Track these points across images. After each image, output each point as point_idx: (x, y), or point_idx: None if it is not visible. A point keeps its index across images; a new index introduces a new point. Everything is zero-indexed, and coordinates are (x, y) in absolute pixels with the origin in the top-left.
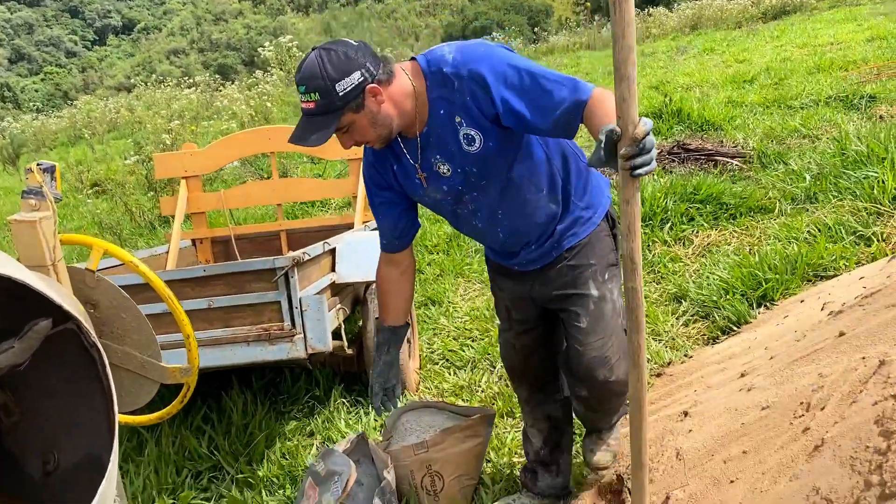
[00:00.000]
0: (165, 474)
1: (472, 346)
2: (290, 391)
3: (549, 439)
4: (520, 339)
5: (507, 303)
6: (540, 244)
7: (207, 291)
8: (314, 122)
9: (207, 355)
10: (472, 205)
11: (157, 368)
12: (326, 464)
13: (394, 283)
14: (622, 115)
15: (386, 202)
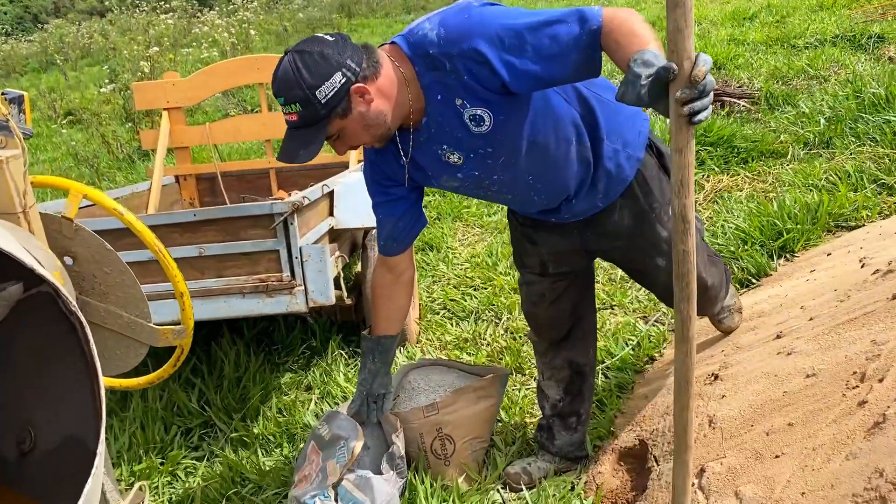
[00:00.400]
0: (153, 431)
1: (475, 295)
2: (285, 341)
3: (569, 388)
4: (554, 289)
5: (544, 257)
6: (583, 196)
7: (198, 238)
8: (300, 135)
9: (199, 307)
10: (497, 184)
11: (146, 330)
12: (331, 427)
13: (387, 289)
14: (676, 49)
15: (389, 200)
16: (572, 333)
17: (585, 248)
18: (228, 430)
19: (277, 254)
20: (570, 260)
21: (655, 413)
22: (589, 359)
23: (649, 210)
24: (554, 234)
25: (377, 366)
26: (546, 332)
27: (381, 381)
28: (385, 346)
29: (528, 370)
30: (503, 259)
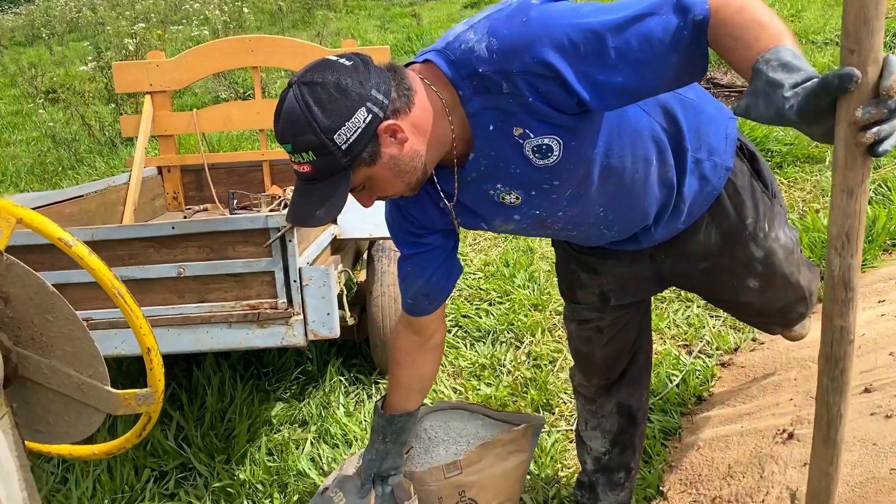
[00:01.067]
0: (121, 475)
1: (491, 312)
2: (276, 364)
3: (619, 438)
4: (614, 324)
5: (605, 287)
6: (664, 223)
7: (178, 254)
8: (316, 190)
9: (176, 338)
10: (562, 221)
11: (102, 394)
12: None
13: (411, 354)
14: (859, 48)
15: (421, 252)
16: (627, 372)
17: (660, 275)
18: (210, 476)
19: (272, 276)
20: (638, 289)
21: (715, 474)
22: (642, 402)
23: (742, 226)
24: (621, 262)
25: (387, 447)
26: (599, 374)
27: (392, 463)
28: (400, 426)
29: (556, 407)
30: (521, 269)
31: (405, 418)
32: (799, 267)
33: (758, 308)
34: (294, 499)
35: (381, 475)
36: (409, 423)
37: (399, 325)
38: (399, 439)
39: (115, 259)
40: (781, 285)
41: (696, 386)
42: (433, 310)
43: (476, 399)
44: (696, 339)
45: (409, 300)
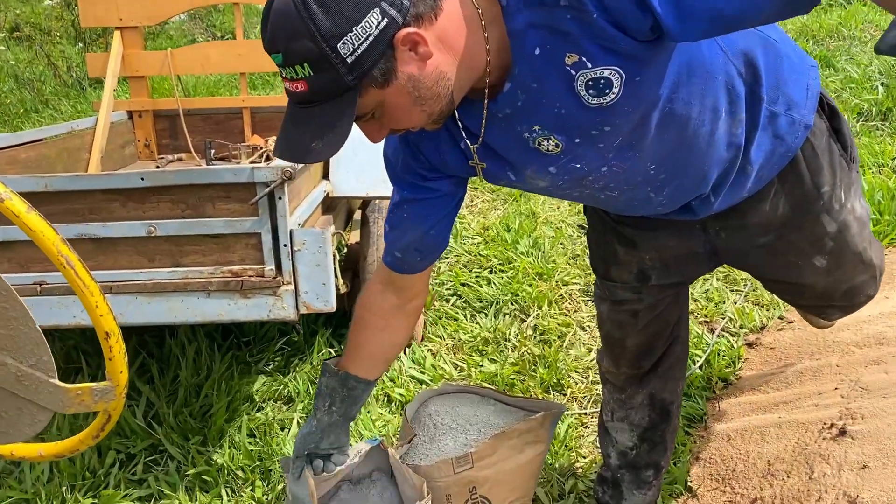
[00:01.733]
0: (81, 459)
1: (493, 280)
2: (258, 334)
3: (648, 433)
4: (653, 307)
5: (646, 264)
6: (725, 190)
7: (148, 210)
8: (314, 116)
9: (145, 308)
10: (603, 179)
11: (47, 388)
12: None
13: (385, 316)
14: None
15: (424, 199)
16: (662, 362)
17: (712, 251)
18: (184, 460)
19: (258, 238)
20: (683, 268)
21: (753, 472)
22: (677, 395)
23: (816, 195)
24: (667, 235)
25: (334, 417)
26: (631, 362)
27: (335, 440)
28: (355, 392)
29: (568, 387)
30: (524, 235)
31: (363, 385)
32: (871, 242)
33: (822, 291)
34: (279, 488)
35: (320, 454)
36: (364, 394)
37: (375, 281)
38: (349, 412)
39: (74, 214)
40: (852, 264)
41: (722, 368)
42: (423, 268)
43: (480, 377)
44: (718, 316)
45: (397, 253)
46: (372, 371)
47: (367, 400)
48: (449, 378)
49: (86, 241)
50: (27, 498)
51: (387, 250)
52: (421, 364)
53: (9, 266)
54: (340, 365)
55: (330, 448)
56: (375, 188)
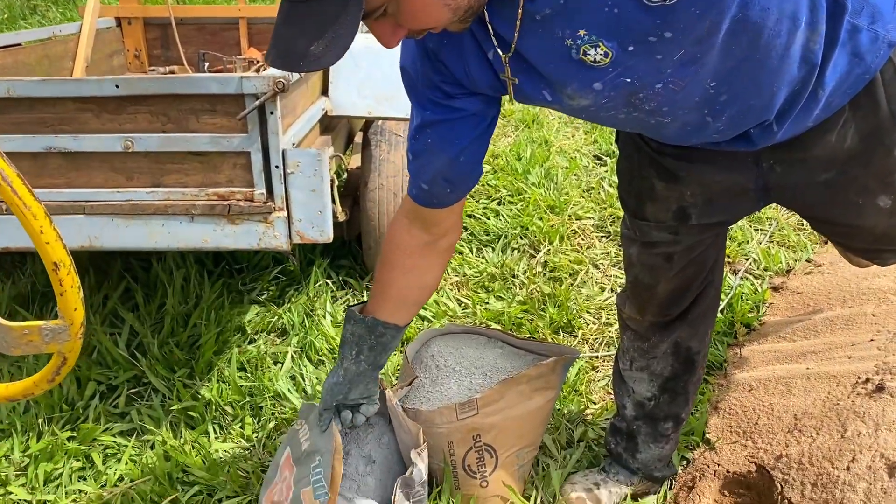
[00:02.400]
0: (59, 389)
1: (501, 213)
2: (251, 261)
3: (670, 384)
4: (690, 250)
5: (686, 201)
6: (792, 117)
7: (124, 123)
8: (312, 13)
9: (122, 232)
10: (655, 99)
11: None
12: (311, 430)
13: (414, 256)
14: None
15: (450, 121)
16: (693, 308)
17: (764, 187)
18: (169, 394)
19: (247, 158)
20: (728, 206)
21: (778, 426)
22: (704, 344)
23: (891, 124)
24: (715, 167)
25: (362, 367)
26: (659, 309)
27: (364, 390)
28: (384, 339)
29: (579, 329)
30: (535, 165)
31: (392, 331)
32: None
33: (881, 234)
34: (270, 426)
35: (348, 405)
36: (394, 341)
37: (401, 218)
38: (378, 360)
39: (41, 124)
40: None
41: (745, 313)
42: (454, 201)
43: (485, 316)
44: (741, 257)
45: (423, 185)
46: (401, 315)
47: (396, 347)
48: (452, 315)
49: (55, 155)
50: (3, 428)
51: (412, 182)
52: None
53: None
54: (366, 310)
55: (359, 398)
56: (379, 107)
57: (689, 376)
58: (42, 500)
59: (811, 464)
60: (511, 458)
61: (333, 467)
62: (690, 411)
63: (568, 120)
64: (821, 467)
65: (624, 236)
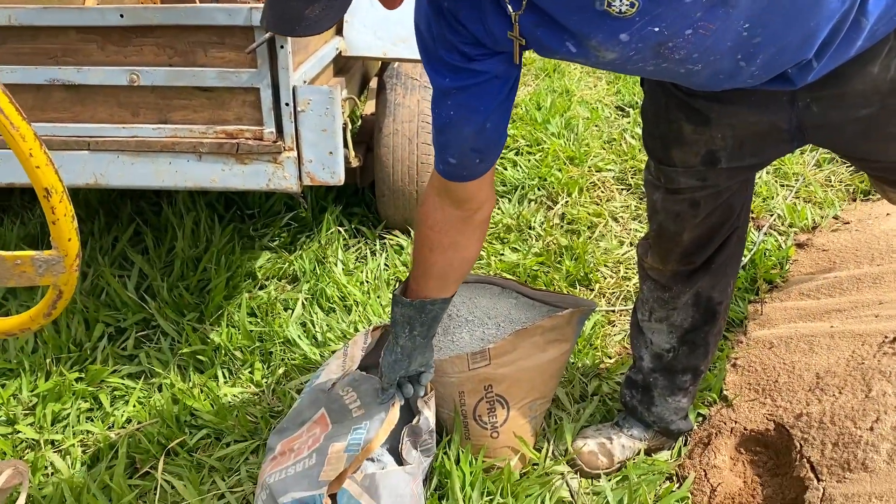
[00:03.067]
0: (67, 330)
1: (519, 163)
2: (263, 206)
3: (690, 335)
4: (717, 196)
5: (717, 144)
6: (830, 53)
7: (130, 55)
8: None
9: (127, 169)
10: (685, 47)
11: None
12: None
13: (450, 233)
14: None
15: (473, 86)
16: (717, 256)
17: (799, 128)
18: (178, 337)
19: (256, 95)
20: (759, 148)
21: (799, 385)
22: (727, 294)
23: None
24: (748, 108)
25: (417, 341)
26: (683, 258)
27: (423, 359)
28: (433, 315)
29: (596, 282)
30: (556, 114)
31: (440, 304)
32: None
33: None
34: (279, 372)
35: (410, 375)
36: (443, 310)
37: (432, 195)
38: (430, 332)
39: (44, 55)
40: None
41: (768, 269)
42: (483, 171)
43: (500, 267)
44: (766, 213)
45: (451, 159)
46: (448, 289)
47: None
48: None
49: (59, 87)
50: (11, 368)
51: (438, 158)
52: None
53: None
54: (411, 292)
55: (419, 368)
56: (396, 48)
57: (710, 327)
58: (49, 440)
59: (833, 423)
60: (523, 409)
61: (378, 435)
62: (710, 364)
63: (590, 70)
64: (843, 427)
65: (648, 183)
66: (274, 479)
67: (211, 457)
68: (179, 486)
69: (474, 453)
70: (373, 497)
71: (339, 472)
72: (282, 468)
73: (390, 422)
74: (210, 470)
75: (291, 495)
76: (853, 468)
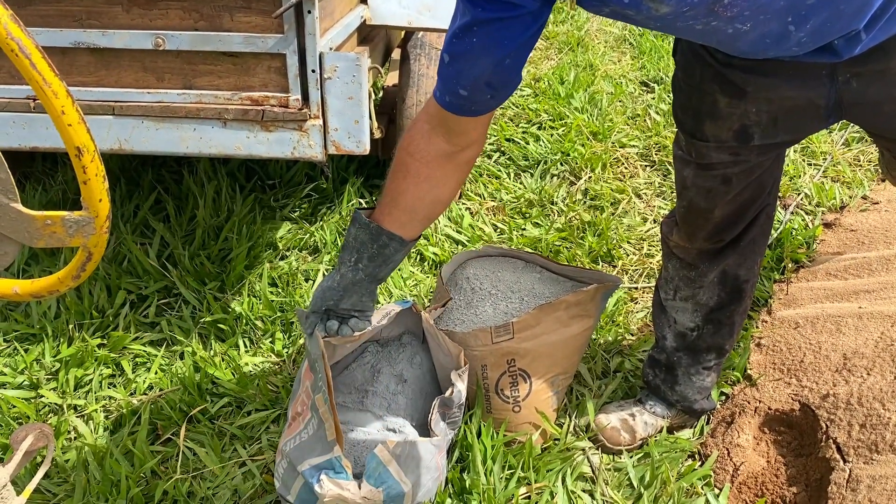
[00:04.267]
0: (90, 297)
1: (541, 137)
2: (284, 177)
3: (715, 314)
4: (749, 172)
5: (751, 118)
6: (883, 22)
7: (155, 19)
8: None
9: (152, 135)
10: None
11: (10, 214)
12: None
13: (433, 165)
14: None
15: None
16: (744, 236)
17: (837, 104)
18: (199, 306)
19: (282, 61)
20: (795, 124)
21: (825, 366)
22: (754, 273)
23: None
24: (787, 81)
25: (359, 275)
26: (711, 235)
27: (358, 301)
28: (387, 251)
29: (619, 259)
30: (579, 89)
31: (396, 243)
32: None
33: None
34: (300, 342)
35: (339, 313)
36: (397, 255)
37: (422, 121)
38: (378, 272)
39: (68, 18)
40: None
41: (795, 248)
42: (490, 108)
43: (522, 242)
44: (793, 192)
45: (461, 90)
46: (409, 228)
47: (400, 263)
48: (488, 240)
49: (84, 51)
50: (34, 332)
51: (444, 87)
52: (458, 223)
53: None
54: (374, 216)
55: (351, 310)
56: (420, 17)
57: (737, 306)
58: (72, 405)
59: (860, 404)
60: (545, 384)
61: (325, 373)
62: (735, 343)
63: (614, 44)
64: (871, 408)
65: (677, 158)
66: (290, 447)
67: (232, 425)
68: (201, 452)
69: (496, 427)
70: (400, 465)
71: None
72: (295, 434)
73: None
74: (231, 438)
75: (309, 462)
76: (881, 450)
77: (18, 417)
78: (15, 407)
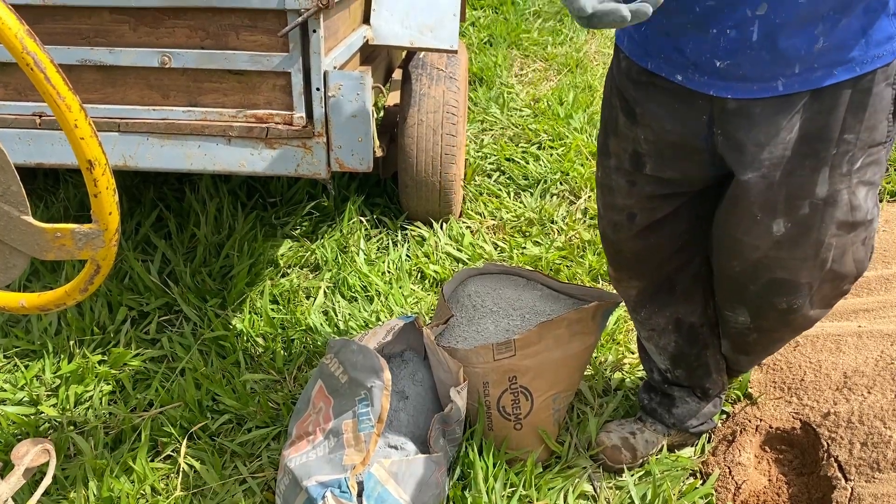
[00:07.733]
0: (91, 313)
1: (541, 157)
2: (285, 194)
3: (681, 358)
4: (650, 212)
5: (641, 147)
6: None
7: (162, 37)
8: None
9: (156, 151)
10: None
11: (20, 227)
12: (344, 365)
13: None
14: None
15: None
16: (678, 283)
17: (709, 149)
18: (200, 322)
19: (287, 79)
20: (680, 162)
21: (826, 384)
22: (708, 317)
23: (835, 138)
24: (669, 112)
25: None
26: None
27: None
28: None
29: None
30: (578, 109)
31: None
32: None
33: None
34: (301, 359)
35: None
36: None
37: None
38: None
39: (76, 35)
40: (805, 253)
41: None
42: None
43: (522, 260)
44: None
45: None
46: None
47: None
48: (488, 258)
49: (90, 68)
50: (35, 349)
51: None
52: (458, 241)
53: (3, 93)
54: None
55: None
56: (422, 37)
57: (700, 350)
58: (72, 421)
59: (861, 423)
60: (547, 402)
61: (383, 404)
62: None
63: None
64: (872, 426)
65: (596, 179)
66: (296, 464)
67: (233, 442)
68: (202, 469)
69: (497, 444)
70: (399, 483)
71: (363, 454)
72: (302, 453)
73: (386, 387)
74: (232, 455)
75: (316, 478)
76: (882, 468)
77: (18, 434)
78: (15, 423)
